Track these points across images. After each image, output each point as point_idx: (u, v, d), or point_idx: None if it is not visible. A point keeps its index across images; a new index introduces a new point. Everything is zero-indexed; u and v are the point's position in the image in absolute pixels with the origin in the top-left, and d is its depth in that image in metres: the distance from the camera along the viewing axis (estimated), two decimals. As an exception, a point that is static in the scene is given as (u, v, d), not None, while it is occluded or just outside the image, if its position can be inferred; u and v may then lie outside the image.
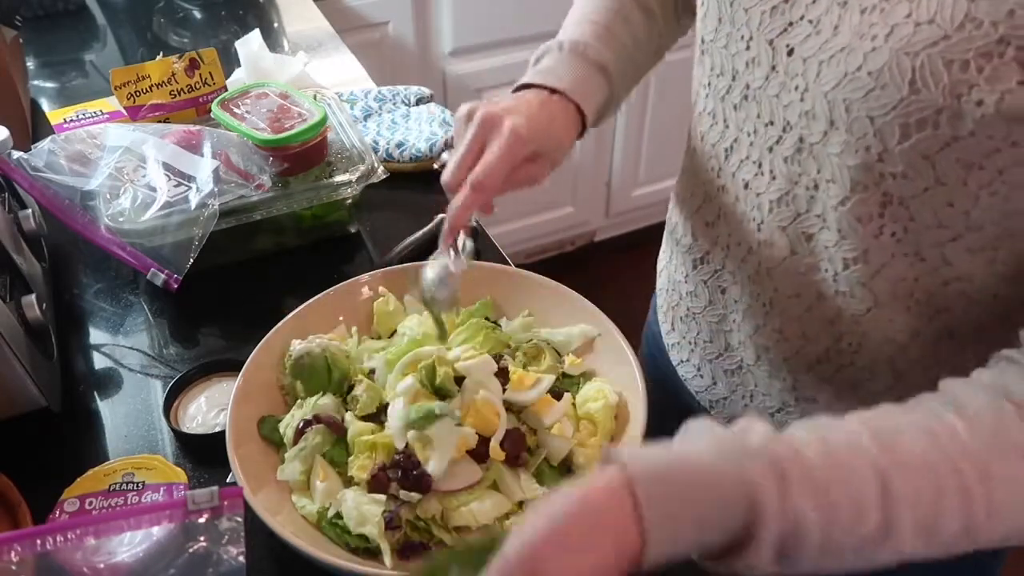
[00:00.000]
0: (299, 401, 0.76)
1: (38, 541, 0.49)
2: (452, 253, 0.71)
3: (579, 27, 0.78)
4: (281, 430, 0.74)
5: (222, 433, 0.71)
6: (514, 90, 0.74)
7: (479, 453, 0.70)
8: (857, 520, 0.47)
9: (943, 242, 0.56)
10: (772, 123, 0.62)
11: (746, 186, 0.67)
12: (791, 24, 0.58)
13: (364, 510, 0.66)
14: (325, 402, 0.75)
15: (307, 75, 1.30)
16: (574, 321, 0.82)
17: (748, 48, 0.62)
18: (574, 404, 0.75)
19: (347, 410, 0.75)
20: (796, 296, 0.66)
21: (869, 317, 0.62)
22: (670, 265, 0.84)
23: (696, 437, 0.50)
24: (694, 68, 0.72)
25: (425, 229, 1.01)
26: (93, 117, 1.18)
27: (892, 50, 0.51)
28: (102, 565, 0.59)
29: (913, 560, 0.49)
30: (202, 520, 0.52)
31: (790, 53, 0.58)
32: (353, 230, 1.06)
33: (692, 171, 0.75)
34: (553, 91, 0.71)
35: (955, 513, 0.48)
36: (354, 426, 0.72)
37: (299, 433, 0.72)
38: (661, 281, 0.88)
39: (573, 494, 0.47)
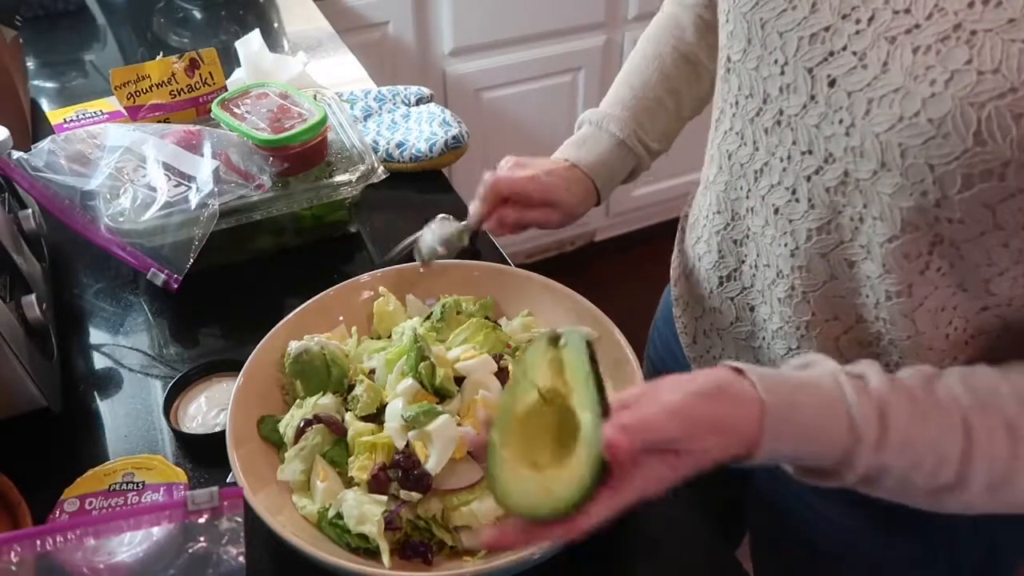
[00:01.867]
0: (299, 401, 0.76)
1: (38, 541, 0.49)
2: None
3: (614, 96, 0.90)
4: (281, 430, 0.74)
5: (222, 433, 0.71)
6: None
7: (479, 453, 0.70)
8: (935, 472, 0.53)
9: (990, 277, 0.55)
10: (810, 152, 0.60)
11: (776, 211, 0.65)
12: (832, 54, 0.56)
13: (364, 509, 0.66)
14: (325, 402, 0.75)
15: (307, 75, 1.30)
16: (574, 321, 0.82)
17: (783, 73, 0.60)
18: (574, 404, 0.75)
19: (347, 410, 0.75)
20: (834, 319, 0.65)
21: (908, 343, 0.62)
22: (690, 279, 0.82)
23: (819, 376, 0.55)
24: (718, 83, 0.70)
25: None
26: (93, 117, 1.19)
27: (955, 98, 0.49)
28: (102, 565, 0.59)
29: (981, 512, 0.56)
30: (202, 520, 0.52)
31: (832, 84, 0.56)
32: (353, 230, 1.06)
33: (719, 188, 0.73)
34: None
35: None
36: (354, 426, 0.72)
37: (299, 433, 0.72)
38: (678, 291, 0.87)
39: (709, 384, 0.53)
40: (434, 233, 0.88)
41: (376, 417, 0.74)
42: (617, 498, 0.50)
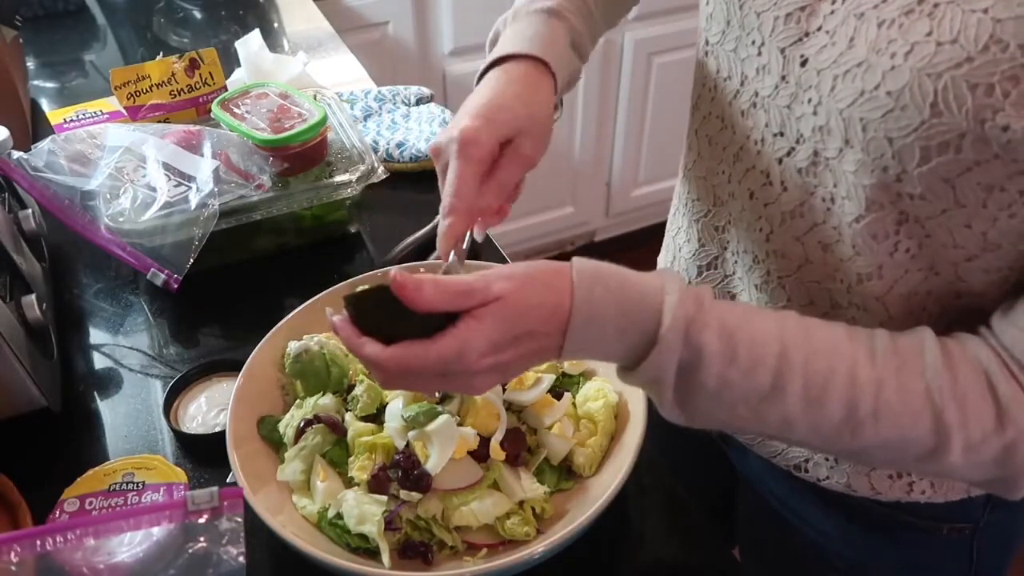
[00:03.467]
0: (299, 401, 0.76)
1: (38, 541, 0.49)
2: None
3: None
4: (281, 430, 0.74)
5: (222, 433, 0.71)
6: (484, 70, 0.69)
7: (479, 453, 0.70)
8: (753, 368, 0.51)
9: (958, 261, 0.55)
10: (782, 134, 0.60)
11: (751, 196, 0.65)
12: (807, 34, 0.56)
13: (364, 509, 0.66)
14: (325, 402, 0.75)
15: (307, 75, 1.30)
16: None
17: (759, 54, 0.60)
18: (574, 404, 0.75)
19: (347, 410, 0.75)
20: (810, 304, 0.65)
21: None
22: (672, 270, 0.82)
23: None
24: (696, 68, 0.70)
25: (425, 229, 1.01)
26: (93, 117, 1.18)
27: (913, 70, 0.49)
28: (102, 565, 0.59)
29: (804, 446, 0.55)
30: (202, 520, 0.52)
31: (803, 64, 0.56)
32: (353, 230, 1.06)
33: (699, 175, 0.73)
34: (531, 59, 0.66)
35: (841, 397, 0.51)
36: (354, 427, 0.72)
37: (299, 433, 0.72)
38: None
39: (527, 266, 0.53)
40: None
41: (376, 417, 0.74)
42: (429, 346, 0.52)
